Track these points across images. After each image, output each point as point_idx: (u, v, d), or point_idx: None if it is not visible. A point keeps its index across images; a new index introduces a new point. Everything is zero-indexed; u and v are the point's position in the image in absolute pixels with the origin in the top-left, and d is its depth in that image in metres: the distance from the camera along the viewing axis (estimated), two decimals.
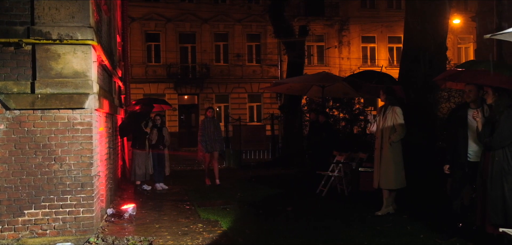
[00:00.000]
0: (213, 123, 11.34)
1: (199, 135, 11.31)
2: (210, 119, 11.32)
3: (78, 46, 6.42)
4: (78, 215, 6.44)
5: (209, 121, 11.29)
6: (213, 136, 11.22)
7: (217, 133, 11.36)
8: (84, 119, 6.43)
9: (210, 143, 11.21)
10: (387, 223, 6.98)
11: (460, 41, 31.20)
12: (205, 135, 11.19)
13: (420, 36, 9.62)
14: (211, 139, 11.19)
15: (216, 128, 11.37)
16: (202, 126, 11.36)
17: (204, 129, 11.22)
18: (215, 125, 11.37)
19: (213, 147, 11.29)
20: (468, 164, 6.01)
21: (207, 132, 11.18)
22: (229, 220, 7.47)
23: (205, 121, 11.38)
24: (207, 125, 11.23)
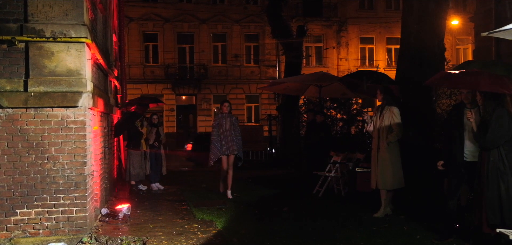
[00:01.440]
0: (230, 120, 9.45)
1: (212, 134, 9.49)
2: (225, 115, 9.46)
3: (72, 44, 6.35)
4: (71, 214, 6.36)
5: (225, 117, 9.43)
6: (230, 135, 9.38)
7: (234, 131, 9.46)
8: (78, 117, 6.36)
9: (226, 144, 9.38)
10: (383, 223, 6.92)
11: (459, 42, 31.19)
12: (219, 134, 9.39)
13: (418, 37, 9.57)
14: (227, 139, 9.36)
15: (233, 126, 9.48)
16: (216, 124, 9.52)
17: (218, 127, 9.42)
18: (232, 123, 9.46)
19: (229, 148, 9.40)
20: (464, 164, 5.96)
21: (222, 131, 9.38)
22: (225, 220, 7.41)
23: (219, 117, 9.51)
24: (222, 122, 9.41)
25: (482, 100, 5.58)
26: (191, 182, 12.42)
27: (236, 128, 9.50)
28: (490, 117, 5.43)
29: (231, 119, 9.46)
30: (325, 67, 27.98)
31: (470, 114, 5.75)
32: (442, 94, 8.38)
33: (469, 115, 5.75)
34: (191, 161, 19.39)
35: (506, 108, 5.51)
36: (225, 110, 9.46)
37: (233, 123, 9.48)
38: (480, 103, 5.66)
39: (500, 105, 5.49)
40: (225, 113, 9.45)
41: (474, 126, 5.70)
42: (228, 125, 9.39)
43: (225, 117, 9.42)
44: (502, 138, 5.36)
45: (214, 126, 9.52)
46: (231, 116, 9.51)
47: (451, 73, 6.54)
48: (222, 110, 9.50)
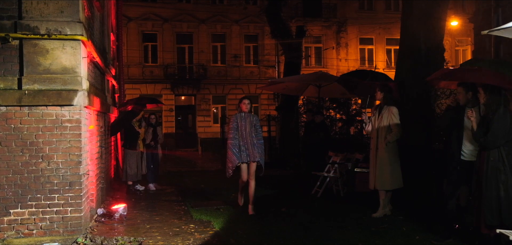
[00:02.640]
0: (250, 120, 7.85)
1: (229, 138, 7.93)
2: (245, 114, 7.86)
3: (67, 41, 6.27)
4: (66, 214, 6.28)
5: (244, 117, 7.84)
6: (250, 138, 7.78)
7: (256, 134, 7.86)
8: (73, 116, 6.28)
9: (246, 150, 7.77)
10: (382, 224, 6.84)
11: (458, 43, 31.13)
12: (237, 138, 7.79)
13: (417, 37, 9.51)
14: (247, 144, 7.76)
15: (255, 128, 7.89)
16: (233, 125, 7.86)
17: (237, 129, 7.81)
18: (253, 123, 7.87)
19: (250, 155, 7.77)
20: (462, 164, 5.88)
21: (241, 133, 7.78)
22: (222, 221, 7.33)
23: (237, 117, 7.88)
24: (241, 123, 7.81)
25: (486, 97, 5.47)
26: (189, 182, 12.34)
27: (258, 131, 7.88)
28: (493, 116, 5.35)
29: (252, 119, 7.84)
30: (325, 68, 27.90)
31: (470, 113, 5.67)
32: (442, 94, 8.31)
33: (470, 114, 5.66)
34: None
35: (508, 108, 5.44)
36: (244, 109, 7.82)
37: (254, 124, 7.86)
38: (483, 100, 5.55)
39: (503, 104, 5.42)
40: (244, 112, 7.84)
41: (474, 125, 5.61)
42: (248, 126, 7.77)
43: (244, 117, 7.82)
44: (503, 138, 5.29)
45: (231, 128, 7.83)
46: (251, 116, 7.88)
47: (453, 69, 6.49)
48: (240, 108, 7.90)
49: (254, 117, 7.99)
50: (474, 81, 5.73)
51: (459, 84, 6.03)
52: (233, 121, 7.88)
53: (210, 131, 28.43)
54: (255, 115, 8.19)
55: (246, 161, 7.77)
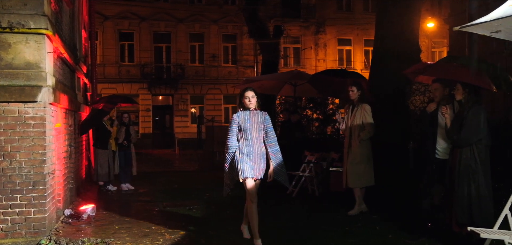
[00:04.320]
0: (257, 120, 5.64)
1: (227, 145, 5.70)
2: (251, 113, 5.65)
3: (31, 35, 6.03)
4: (29, 216, 6.03)
5: (249, 116, 5.63)
6: (258, 146, 5.63)
7: (268, 140, 5.71)
8: (37, 113, 6.03)
9: (251, 160, 5.59)
10: (356, 223, 6.76)
11: (434, 45, 31.52)
12: (240, 144, 5.65)
13: (391, 37, 9.49)
14: (254, 151, 5.60)
15: (266, 132, 5.70)
16: (234, 127, 5.67)
17: (240, 131, 5.66)
18: (261, 125, 5.66)
19: (255, 168, 5.61)
20: (436, 162, 5.85)
21: (246, 139, 5.61)
22: (194, 222, 7.15)
23: (240, 116, 5.66)
24: (245, 124, 5.61)
25: (464, 93, 5.42)
26: (163, 182, 12.11)
27: (269, 134, 5.70)
28: (467, 113, 5.31)
29: (259, 119, 5.65)
30: (303, 68, 27.89)
31: (445, 109, 5.64)
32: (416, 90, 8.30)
33: (444, 110, 5.64)
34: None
35: (482, 106, 5.42)
36: (248, 105, 5.59)
37: (264, 125, 5.67)
38: (460, 97, 5.48)
39: (478, 102, 5.40)
40: (249, 109, 5.62)
41: (448, 122, 5.58)
42: (254, 129, 5.60)
43: (249, 116, 5.62)
44: (476, 136, 5.26)
45: (231, 131, 5.67)
46: (259, 114, 5.67)
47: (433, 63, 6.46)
48: (243, 104, 5.65)
49: (263, 116, 5.66)
50: (453, 78, 5.69)
51: (435, 80, 5.98)
52: (234, 122, 5.62)
53: (187, 132, 28.17)
54: (265, 113, 5.72)
55: (251, 175, 5.54)
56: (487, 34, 4.69)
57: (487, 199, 5.28)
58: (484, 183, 5.27)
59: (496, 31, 4.59)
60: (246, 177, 5.59)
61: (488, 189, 5.32)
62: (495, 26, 4.45)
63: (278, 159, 5.77)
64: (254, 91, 5.72)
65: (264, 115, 5.73)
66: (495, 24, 4.38)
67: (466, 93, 5.43)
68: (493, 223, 4.90)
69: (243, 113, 5.68)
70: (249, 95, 5.63)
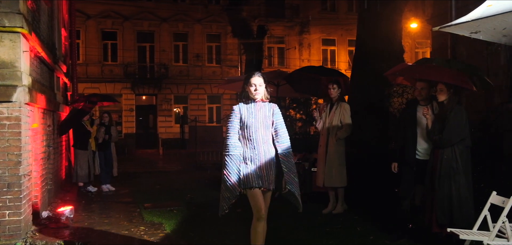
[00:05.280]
0: (264, 114, 4.47)
1: (226, 146, 4.44)
2: (257, 105, 4.47)
3: (5, 34, 5.89)
4: (4, 218, 5.89)
5: (254, 110, 4.45)
6: (265, 147, 4.44)
7: (278, 139, 4.49)
8: (12, 113, 5.90)
9: (258, 167, 4.40)
10: (336, 224, 6.75)
11: (418, 45, 31.78)
12: (242, 145, 4.46)
13: (373, 37, 9.50)
14: (260, 156, 4.42)
15: (275, 129, 4.51)
16: (234, 122, 4.47)
17: (242, 129, 4.47)
18: (269, 120, 4.47)
19: (264, 176, 4.41)
20: (417, 163, 5.85)
21: (249, 137, 4.44)
22: (174, 223, 7.07)
23: (242, 109, 4.47)
24: (248, 119, 4.43)
25: (449, 94, 5.41)
26: (145, 183, 11.99)
27: (279, 131, 4.47)
28: (449, 114, 5.32)
29: (267, 113, 4.45)
30: (287, 68, 27.87)
31: (426, 110, 5.64)
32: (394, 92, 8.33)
33: (425, 111, 5.63)
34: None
35: (462, 106, 5.43)
36: (253, 94, 4.38)
37: (273, 121, 4.48)
38: (443, 98, 5.45)
39: (459, 103, 5.41)
40: (253, 100, 4.42)
41: (429, 122, 5.58)
42: (261, 124, 4.41)
43: (254, 109, 4.41)
44: (458, 136, 5.27)
45: (231, 128, 4.44)
46: (267, 107, 4.48)
47: (412, 65, 6.45)
48: (247, 93, 4.44)
49: (272, 109, 4.46)
50: (434, 79, 5.69)
51: (420, 80, 5.95)
52: (234, 115, 4.40)
53: (171, 131, 27.99)
54: (274, 105, 4.51)
55: (257, 185, 4.32)
56: (467, 34, 4.70)
57: (467, 200, 5.29)
58: (465, 184, 5.29)
59: (475, 32, 4.60)
60: (252, 187, 4.30)
61: (469, 190, 5.34)
62: (474, 26, 4.46)
63: (290, 164, 4.39)
64: (263, 77, 4.39)
65: (273, 107, 4.46)
66: (474, 24, 4.39)
67: (450, 93, 5.43)
68: (473, 224, 4.91)
69: (246, 105, 4.38)
70: (255, 82, 4.30)
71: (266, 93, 4.47)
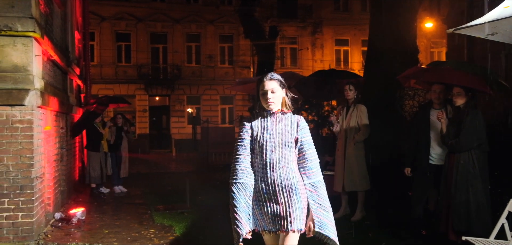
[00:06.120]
0: (284, 129, 3.29)
1: (233, 170, 3.30)
2: (276, 119, 3.32)
3: (18, 38, 5.95)
4: (16, 220, 5.95)
5: (271, 123, 3.31)
6: (284, 172, 3.24)
7: (302, 163, 3.31)
8: (24, 117, 5.95)
9: (272, 202, 3.25)
10: (348, 229, 6.64)
11: (433, 45, 31.43)
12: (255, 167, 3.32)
13: (386, 36, 9.38)
14: (276, 185, 3.24)
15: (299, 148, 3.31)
16: (245, 141, 3.32)
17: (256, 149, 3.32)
18: (291, 137, 3.27)
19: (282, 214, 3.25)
20: (430, 168, 5.74)
21: (264, 160, 3.27)
22: (184, 225, 7.06)
23: (256, 123, 3.34)
24: (262, 133, 3.30)
25: (467, 98, 5.29)
26: (157, 184, 12.03)
27: (305, 152, 3.33)
28: (465, 118, 5.21)
29: (289, 127, 3.32)
30: (300, 69, 27.80)
31: (441, 114, 5.50)
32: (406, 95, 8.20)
33: (440, 115, 5.49)
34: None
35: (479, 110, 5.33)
36: (269, 105, 3.31)
37: (298, 136, 3.33)
38: (461, 102, 5.31)
39: (475, 106, 5.30)
40: (269, 111, 3.34)
41: (444, 127, 5.46)
42: (279, 143, 3.28)
43: (271, 122, 3.33)
44: (475, 141, 5.17)
45: (240, 147, 3.34)
46: (288, 119, 3.35)
47: (426, 67, 6.34)
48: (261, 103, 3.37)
49: (296, 122, 3.34)
50: (451, 82, 5.58)
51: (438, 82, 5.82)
52: (245, 131, 3.36)
53: (184, 132, 28.07)
54: (299, 118, 3.38)
55: (269, 228, 3.33)
56: (483, 36, 4.60)
57: (485, 206, 5.17)
58: (482, 190, 5.18)
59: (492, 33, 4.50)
60: (262, 230, 3.33)
61: (486, 195, 5.23)
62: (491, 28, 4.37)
63: (321, 197, 3.27)
64: (280, 81, 3.32)
65: (297, 120, 3.34)
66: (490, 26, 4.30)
67: (468, 97, 5.31)
68: (490, 231, 4.76)
69: (262, 118, 3.34)
70: (268, 88, 3.27)
71: (286, 101, 3.34)
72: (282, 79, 3.37)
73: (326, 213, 3.30)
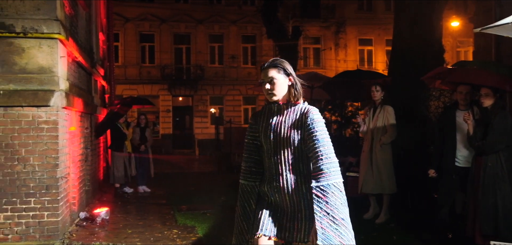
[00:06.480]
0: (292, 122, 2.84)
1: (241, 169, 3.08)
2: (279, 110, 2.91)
3: (44, 40, 6.05)
4: (42, 219, 6.05)
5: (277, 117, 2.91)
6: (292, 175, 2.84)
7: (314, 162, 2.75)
8: (50, 117, 6.05)
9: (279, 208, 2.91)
10: (372, 232, 6.56)
11: (460, 44, 30.83)
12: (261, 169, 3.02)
13: (410, 36, 9.21)
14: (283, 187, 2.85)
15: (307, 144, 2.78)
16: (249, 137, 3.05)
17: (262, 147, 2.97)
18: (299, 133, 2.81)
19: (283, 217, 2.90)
20: (456, 170, 5.60)
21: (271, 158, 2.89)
22: (207, 226, 7.07)
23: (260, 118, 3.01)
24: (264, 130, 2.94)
25: (495, 99, 5.15)
26: (181, 185, 12.10)
27: (315, 151, 2.74)
28: (492, 119, 5.07)
29: (294, 120, 2.85)
30: (323, 69, 27.62)
31: (467, 115, 5.36)
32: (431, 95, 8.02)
33: (466, 116, 5.35)
34: None
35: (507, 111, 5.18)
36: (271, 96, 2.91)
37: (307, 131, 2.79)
38: (489, 103, 5.15)
39: (503, 107, 5.15)
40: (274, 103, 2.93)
41: (471, 128, 5.32)
42: (283, 140, 2.85)
43: (274, 115, 2.93)
44: (503, 143, 5.02)
45: (246, 145, 3.06)
46: (296, 112, 2.86)
47: (451, 68, 6.20)
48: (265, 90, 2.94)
49: (305, 115, 2.82)
50: (478, 83, 5.43)
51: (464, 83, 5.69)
52: (250, 130, 3.07)
53: (207, 132, 28.19)
54: (310, 110, 2.84)
55: (270, 233, 2.89)
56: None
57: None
58: (510, 193, 5.02)
59: None
60: (262, 235, 2.87)
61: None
62: None
63: (331, 205, 2.67)
64: (281, 67, 2.88)
65: (307, 113, 2.80)
66: None
67: (497, 98, 5.17)
68: None
69: (268, 113, 2.95)
70: (266, 76, 2.88)
71: (294, 91, 2.84)
72: (286, 65, 2.89)
73: (334, 225, 2.64)
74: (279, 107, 2.89)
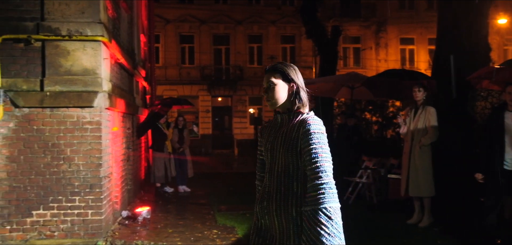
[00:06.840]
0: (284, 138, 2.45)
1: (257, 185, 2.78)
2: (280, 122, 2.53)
3: (88, 43, 6.20)
4: (87, 217, 6.21)
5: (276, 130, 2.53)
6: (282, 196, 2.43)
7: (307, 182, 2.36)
8: (93, 118, 6.20)
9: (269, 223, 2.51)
10: (416, 235, 6.39)
11: (507, 42, 29.67)
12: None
13: (455, 34, 8.91)
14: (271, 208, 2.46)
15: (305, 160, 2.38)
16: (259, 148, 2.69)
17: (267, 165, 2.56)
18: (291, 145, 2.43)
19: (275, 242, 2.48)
20: (504, 174, 5.37)
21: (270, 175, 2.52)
22: (246, 227, 7.07)
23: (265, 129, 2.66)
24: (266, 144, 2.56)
25: None
26: (220, 185, 12.17)
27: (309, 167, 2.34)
28: None
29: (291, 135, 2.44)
30: (363, 69, 27.20)
31: None
32: (478, 96, 7.73)
33: None
34: None
35: None
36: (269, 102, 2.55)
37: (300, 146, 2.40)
38: None
39: None
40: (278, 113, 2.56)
41: None
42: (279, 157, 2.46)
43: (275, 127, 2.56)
44: None
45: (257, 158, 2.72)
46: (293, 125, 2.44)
47: (500, 67, 5.97)
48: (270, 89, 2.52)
49: (300, 128, 2.40)
50: None
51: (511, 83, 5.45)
52: (259, 142, 2.69)
53: (246, 132, 28.31)
54: (307, 120, 2.41)
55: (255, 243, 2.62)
56: None
57: None
58: None
59: None
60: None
61: None
62: None
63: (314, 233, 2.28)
64: (282, 72, 2.53)
65: (304, 123, 2.42)
66: None
67: None
68: None
69: (272, 124, 2.61)
70: (266, 81, 2.54)
71: (295, 99, 2.51)
72: (291, 69, 2.53)
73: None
74: (282, 117, 2.54)
